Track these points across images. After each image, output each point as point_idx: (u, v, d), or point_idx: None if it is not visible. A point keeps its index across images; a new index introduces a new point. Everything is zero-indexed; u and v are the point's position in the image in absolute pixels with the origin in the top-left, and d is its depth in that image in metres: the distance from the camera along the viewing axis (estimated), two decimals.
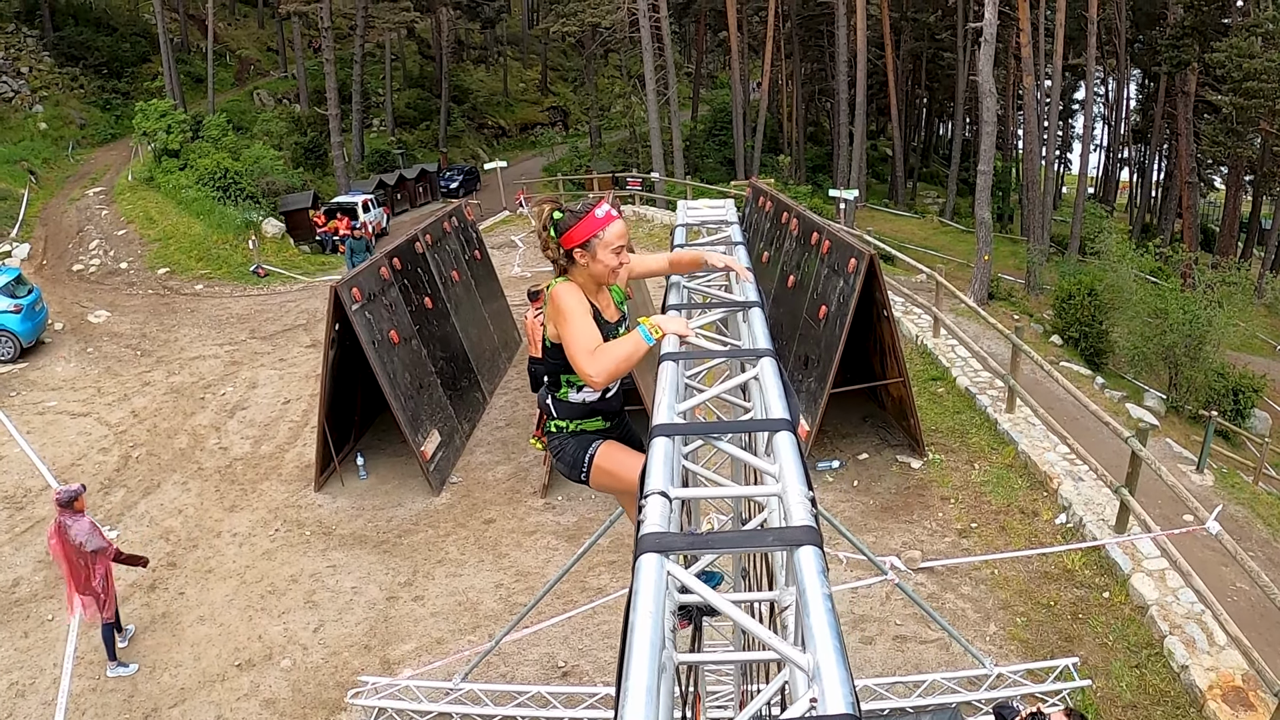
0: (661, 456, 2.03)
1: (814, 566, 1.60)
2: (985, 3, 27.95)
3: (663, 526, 1.77)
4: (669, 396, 2.38)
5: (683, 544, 1.69)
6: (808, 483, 1.90)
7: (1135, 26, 51.31)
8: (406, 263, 14.25)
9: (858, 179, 43.84)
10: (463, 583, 10.73)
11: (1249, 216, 47.56)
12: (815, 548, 1.64)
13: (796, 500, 1.82)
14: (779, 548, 1.73)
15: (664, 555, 1.67)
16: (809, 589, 1.54)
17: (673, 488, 1.92)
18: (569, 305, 3.30)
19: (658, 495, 1.86)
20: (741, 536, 1.80)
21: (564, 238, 3.40)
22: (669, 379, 2.51)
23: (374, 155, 49.30)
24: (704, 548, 1.71)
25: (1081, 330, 22.54)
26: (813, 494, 1.87)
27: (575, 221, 3.38)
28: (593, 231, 3.37)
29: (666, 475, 1.95)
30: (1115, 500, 10.57)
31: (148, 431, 15.88)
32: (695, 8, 60.29)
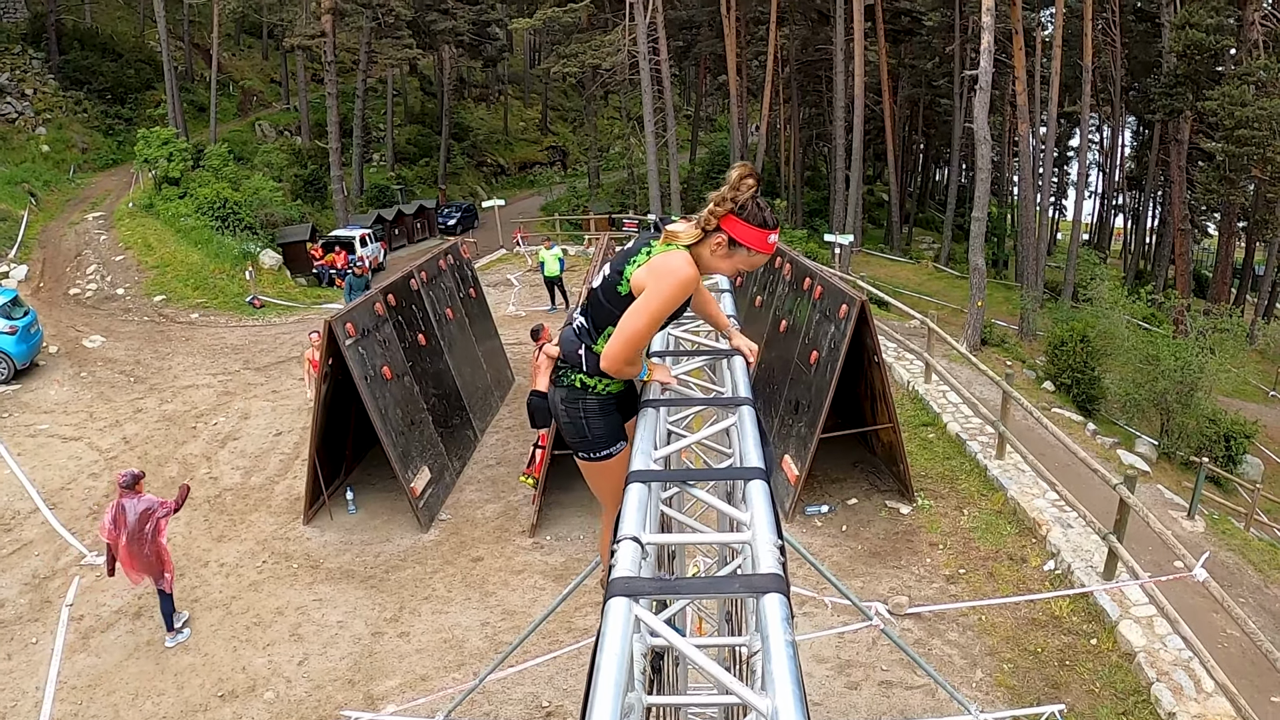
0: (635, 502, 2.07)
1: (778, 614, 1.64)
2: (981, 51, 28.27)
3: (633, 571, 1.81)
4: (646, 443, 2.42)
5: (652, 588, 1.73)
6: (778, 531, 1.94)
7: (1130, 74, 51.80)
8: (401, 299, 14.31)
9: (853, 224, 44.05)
10: (449, 620, 10.69)
11: (1242, 263, 47.85)
12: (780, 595, 1.68)
13: (765, 548, 1.86)
14: (745, 594, 1.77)
15: (633, 599, 1.70)
16: (772, 636, 1.58)
17: (645, 533, 1.96)
18: (673, 289, 3.06)
19: (630, 540, 1.90)
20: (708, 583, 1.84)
21: (734, 217, 3.08)
22: (649, 425, 2.55)
23: (373, 190, 49.51)
24: (672, 593, 1.75)
25: (1074, 376, 22.62)
26: (781, 543, 1.92)
27: (754, 221, 3.08)
28: (755, 244, 3.10)
29: (640, 521, 2.00)
30: (1104, 547, 10.58)
31: (138, 458, 15.86)
32: (696, 51, 60.80)
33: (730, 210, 3.05)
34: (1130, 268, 56.88)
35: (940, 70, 56.31)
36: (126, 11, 56.71)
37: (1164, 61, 39.06)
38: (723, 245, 3.09)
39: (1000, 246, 58.32)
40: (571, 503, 13.12)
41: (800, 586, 10.18)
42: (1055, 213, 69.50)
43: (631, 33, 41.60)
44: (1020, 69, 37.03)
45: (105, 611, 11.17)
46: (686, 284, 3.06)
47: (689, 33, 59.16)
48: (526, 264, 34.35)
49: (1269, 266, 41.88)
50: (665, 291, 3.03)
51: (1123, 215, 69.31)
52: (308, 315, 26.77)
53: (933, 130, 66.56)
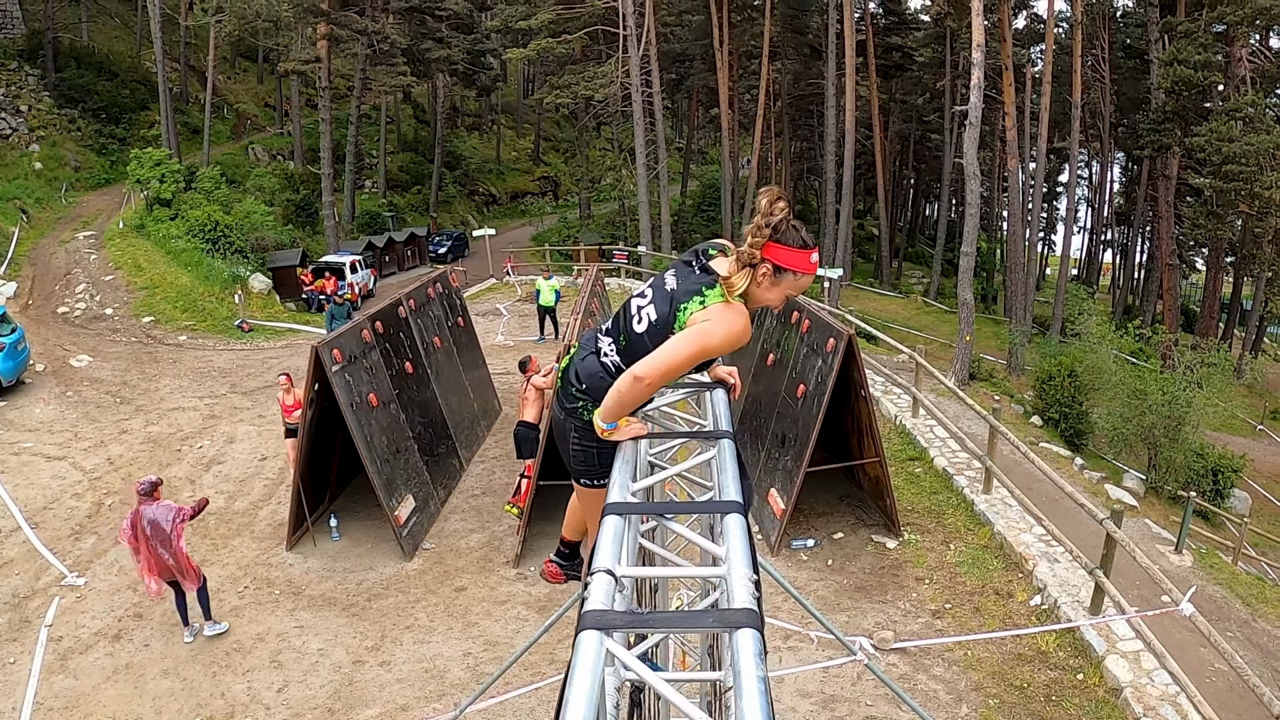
0: (611, 535, 2.05)
1: (750, 649, 1.62)
2: (971, 86, 28.52)
3: (606, 604, 1.79)
4: (624, 475, 2.41)
5: (624, 622, 1.71)
6: (754, 566, 1.93)
7: (1119, 111, 52.33)
8: (389, 327, 14.28)
9: (843, 258, 44.29)
10: (430, 650, 10.61)
11: (1230, 297, 48.17)
12: (753, 630, 1.66)
13: (740, 583, 1.84)
14: (718, 629, 1.76)
15: (605, 633, 1.68)
16: (744, 671, 1.57)
17: (620, 566, 1.95)
18: (726, 340, 2.99)
19: (603, 573, 1.88)
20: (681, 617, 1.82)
21: (773, 244, 2.99)
22: (628, 458, 2.54)
23: (364, 216, 49.61)
24: (644, 626, 1.73)
25: (1061, 411, 22.69)
26: (757, 577, 1.90)
27: (794, 243, 3.00)
28: (799, 266, 3.01)
29: (614, 553, 1.98)
30: (1090, 582, 10.56)
31: (122, 480, 15.77)
32: (688, 84, 61.30)
33: (769, 238, 2.98)
34: (1118, 303, 57.23)
35: (931, 106, 56.89)
36: (123, 31, 56.92)
37: (1152, 98, 39.47)
38: (768, 275, 3.02)
39: (989, 281, 58.65)
40: (557, 534, 12.89)
41: (785, 621, 10.13)
42: (1044, 248, 70.07)
43: (624, 65, 41.91)
44: (1010, 105, 37.37)
45: (85, 633, 11.06)
46: (739, 340, 3.03)
47: (682, 66, 59.68)
48: (516, 294, 34.37)
49: (1256, 301, 42.19)
50: (720, 337, 2.96)
51: (1111, 250, 69.94)
52: (296, 340, 26.72)
53: (923, 165, 67.11)
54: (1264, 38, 37.35)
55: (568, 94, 45.78)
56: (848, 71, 44.33)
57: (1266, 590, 14.00)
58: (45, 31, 46.16)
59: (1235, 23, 32.34)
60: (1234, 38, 33.94)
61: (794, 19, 53.46)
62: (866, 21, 51.06)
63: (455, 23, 53.38)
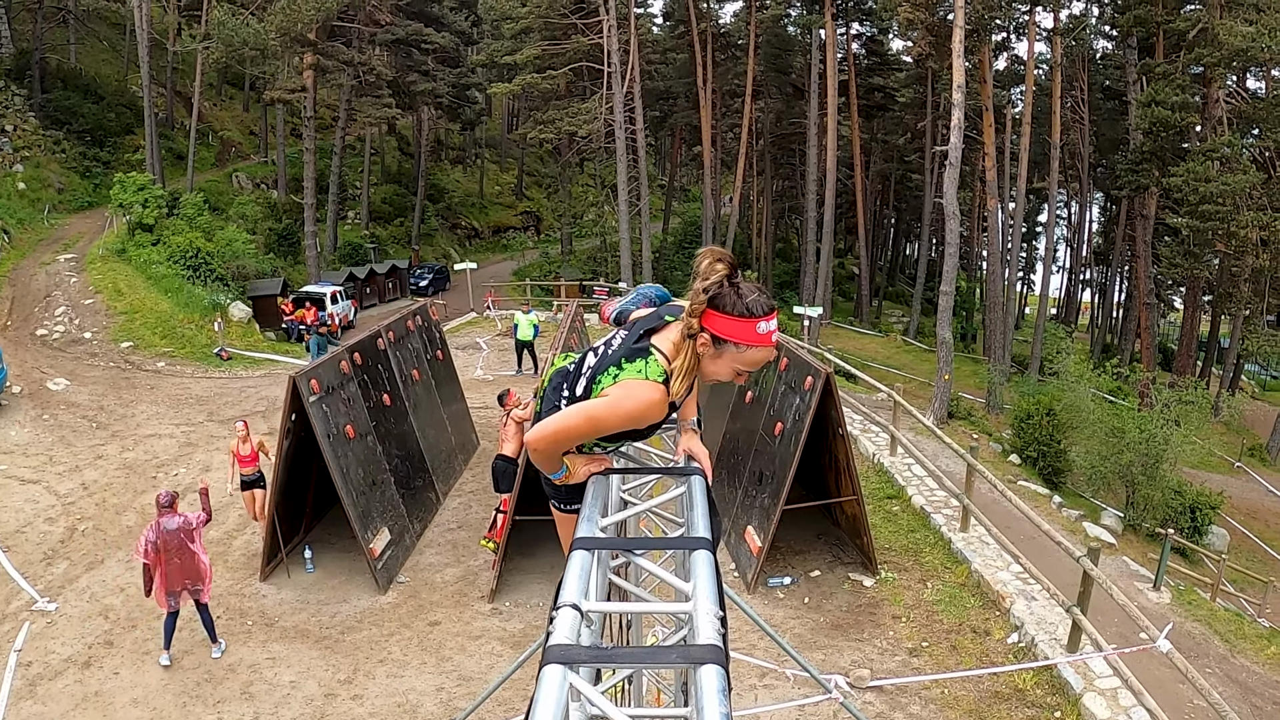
0: (577, 569, 2.05)
1: (714, 685, 1.62)
2: (951, 127, 28.84)
3: (570, 639, 1.79)
4: (593, 510, 2.40)
5: (588, 657, 1.71)
6: (720, 602, 1.92)
7: (1098, 151, 52.98)
8: (368, 358, 14.23)
9: (823, 296, 44.55)
10: (403, 684, 10.51)
11: (1207, 336, 48.57)
12: (718, 666, 1.66)
13: (705, 618, 1.84)
14: (682, 664, 1.75)
15: (569, 667, 1.68)
16: (707, 708, 1.56)
17: (586, 601, 1.94)
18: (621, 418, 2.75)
19: (568, 608, 1.87)
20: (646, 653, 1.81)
21: (711, 314, 2.69)
22: (598, 493, 2.54)
23: (346, 247, 49.58)
24: (609, 662, 1.72)
25: (1040, 449, 22.77)
26: (723, 614, 1.89)
27: (733, 311, 2.66)
28: (740, 337, 2.68)
29: (580, 588, 1.97)
30: (1068, 619, 10.58)
31: (96, 505, 15.64)
32: (671, 122, 61.69)
33: (706, 304, 2.68)
34: (1097, 341, 57.67)
35: (911, 145, 57.47)
36: (111, 55, 56.90)
37: (1130, 138, 39.99)
38: (708, 345, 2.71)
39: (968, 320, 59.03)
40: (532, 569, 13.00)
41: (761, 658, 10.10)
42: (1023, 287, 70.59)
43: (608, 101, 42.20)
44: (990, 145, 37.81)
45: (54, 659, 10.92)
46: (638, 418, 2.73)
47: (665, 103, 60.08)
48: (496, 328, 34.36)
49: (1233, 339, 42.56)
50: (614, 415, 2.72)
51: (1089, 289, 70.53)
52: (274, 369, 26.60)
53: (903, 205, 67.68)
54: (1240, 79, 37.98)
55: (552, 129, 46.01)
56: (830, 111, 44.81)
57: (1245, 626, 14.03)
58: (33, 52, 46.11)
59: (1212, 64, 32.83)
60: (1211, 79, 34.45)
61: (777, 58, 53.99)
62: (849, 62, 51.61)
63: (441, 56, 53.66)
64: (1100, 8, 46.42)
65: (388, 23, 46.93)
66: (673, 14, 57.63)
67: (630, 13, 43.65)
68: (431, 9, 51.77)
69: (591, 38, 42.55)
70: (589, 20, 42.75)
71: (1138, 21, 36.06)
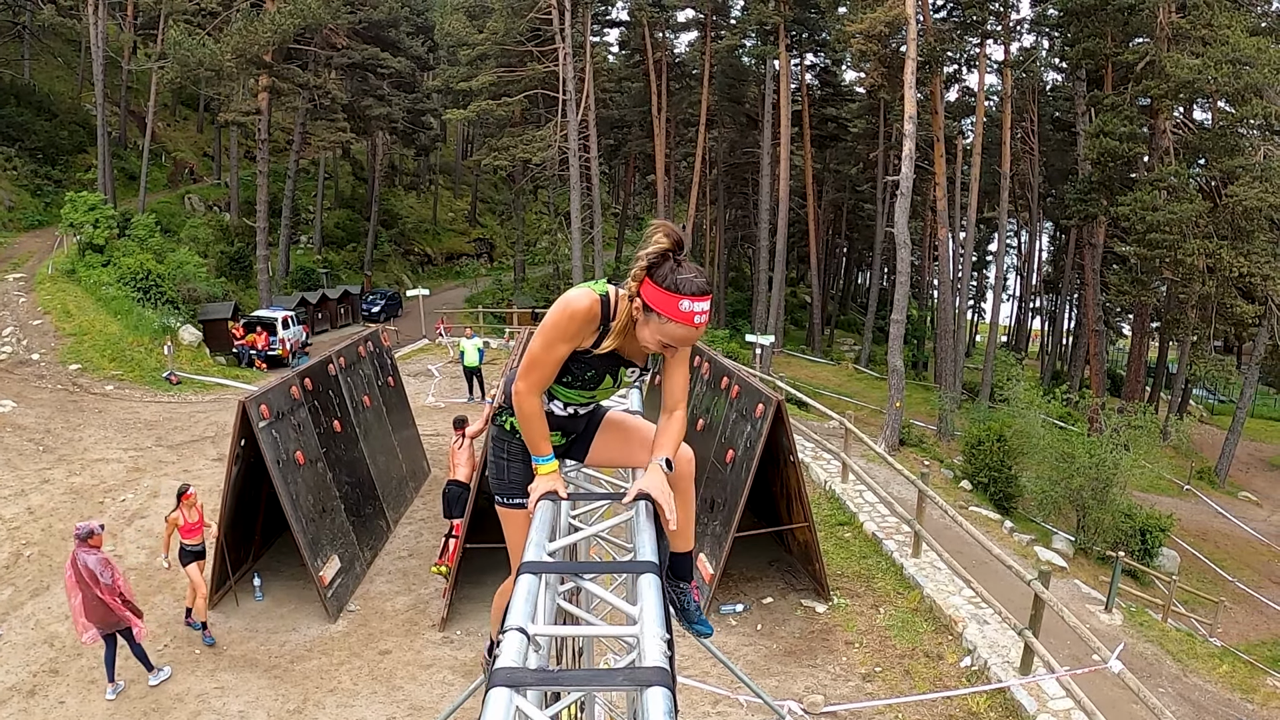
0: (524, 594, 2.05)
1: (660, 707, 1.62)
2: (903, 157, 29.23)
3: (517, 662, 1.79)
4: (540, 534, 2.41)
5: (534, 680, 1.71)
6: (666, 625, 1.93)
7: (1047, 181, 53.88)
8: (318, 384, 14.10)
9: (775, 325, 44.83)
10: (354, 714, 10.37)
11: (1155, 361, 49.39)
12: (664, 689, 1.66)
13: (652, 641, 1.85)
14: (629, 688, 1.76)
15: (515, 690, 1.68)
16: None
17: (533, 625, 1.94)
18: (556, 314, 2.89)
19: (516, 631, 1.87)
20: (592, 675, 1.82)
21: (647, 282, 2.79)
22: (545, 517, 2.54)
23: (299, 272, 49.22)
24: (555, 685, 1.73)
25: (991, 475, 23.00)
26: (669, 636, 1.90)
27: (664, 284, 2.75)
28: (663, 309, 2.75)
29: (527, 612, 1.97)
30: (1020, 642, 10.67)
31: (42, 531, 15.32)
32: (625, 150, 62.05)
33: (646, 271, 2.79)
34: (1047, 368, 58.47)
35: (864, 175, 58.15)
36: (65, 72, 56.27)
37: (1079, 168, 40.72)
38: (639, 310, 2.82)
39: (920, 348, 59.62)
40: (482, 597, 12.91)
41: (714, 685, 10.08)
42: (974, 315, 71.51)
43: (563, 129, 42.35)
44: (941, 175, 38.37)
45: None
46: (572, 313, 2.87)
47: (620, 131, 60.44)
48: (448, 354, 34.23)
49: (1181, 365, 43.33)
50: (551, 318, 2.89)
51: (1040, 317, 71.59)
52: (224, 394, 26.29)
53: (855, 234, 68.37)
54: (1187, 110, 38.81)
55: (506, 156, 46.07)
56: (783, 141, 45.28)
57: (1197, 646, 14.26)
58: None
59: (1159, 96, 33.55)
60: (1158, 110, 35.19)
61: (731, 88, 54.51)
62: (803, 92, 52.21)
63: (397, 81, 53.62)
64: (1050, 40, 47.40)
65: (344, 46, 46.85)
66: (628, 43, 58.05)
67: (586, 41, 43.94)
68: (388, 34, 51.73)
69: (547, 65, 42.74)
70: (545, 48, 42.96)
71: (1087, 54, 36.80)
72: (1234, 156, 33.07)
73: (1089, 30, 36.60)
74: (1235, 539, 29.60)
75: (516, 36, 42.80)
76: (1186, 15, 33.00)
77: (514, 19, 42.05)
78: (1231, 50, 30.53)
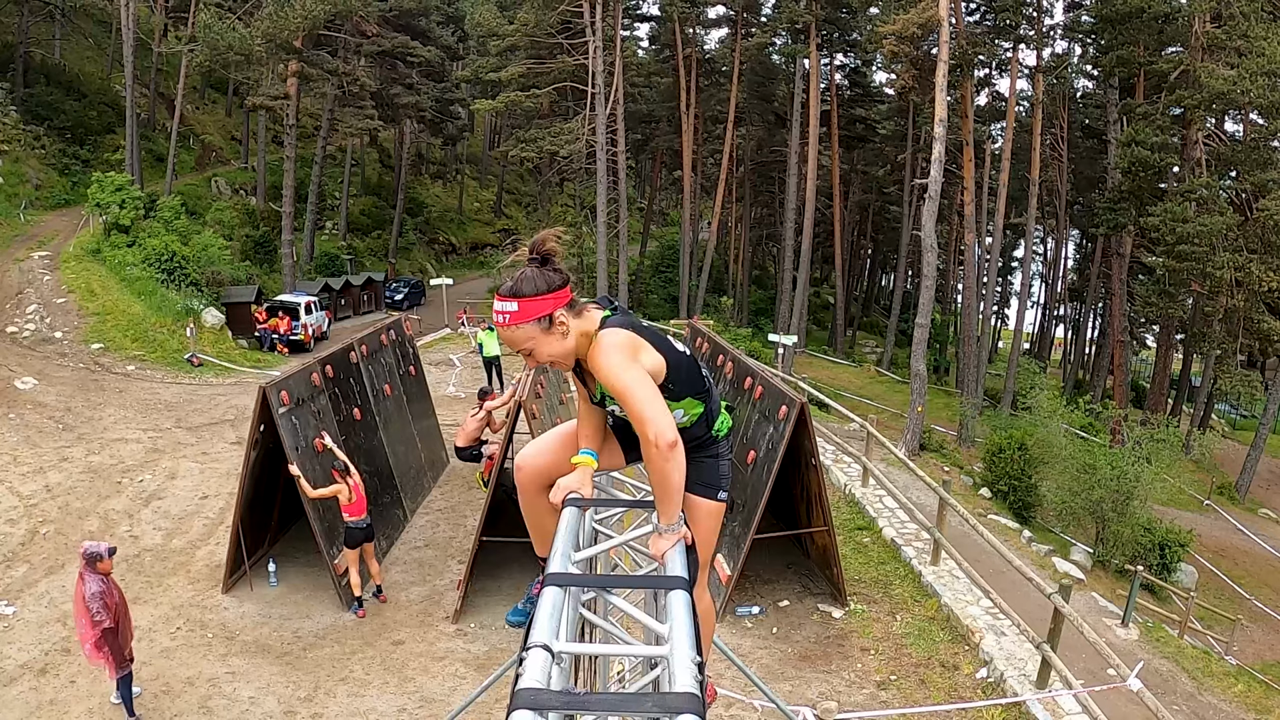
0: (549, 608, 1.96)
1: None
2: (931, 160, 29.00)
3: (541, 682, 1.70)
4: (565, 544, 2.32)
5: (558, 703, 1.63)
6: (697, 647, 1.85)
7: (1076, 189, 53.43)
8: (340, 371, 14.08)
9: (798, 325, 44.59)
10: (364, 704, 10.33)
11: (1179, 374, 48.99)
12: (696, 716, 1.58)
13: (682, 665, 1.76)
14: (658, 714, 1.67)
15: (538, 713, 1.60)
16: None
17: (557, 641, 1.86)
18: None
19: (539, 648, 1.79)
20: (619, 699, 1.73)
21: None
22: (569, 526, 2.45)
23: (323, 258, 49.32)
24: (579, 709, 1.64)
25: (1011, 484, 22.83)
26: (701, 659, 1.82)
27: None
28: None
29: (553, 628, 1.89)
30: (1037, 655, 10.53)
31: (59, 509, 15.38)
32: (653, 145, 61.87)
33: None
34: (1069, 377, 58.03)
35: (891, 178, 57.82)
36: (96, 53, 56.52)
37: (1109, 177, 40.37)
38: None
39: (942, 353, 59.29)
40: (497, 590, 12.86)
41: (728, 689, 9.99)
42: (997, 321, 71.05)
43: (591, 123, 42.25)
44: (969, 180, 38.06)
45: (10, 665, 10.67)
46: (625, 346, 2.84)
47: (648, 126, 60.26)
48: (470, 345, 34.25)
49: (1205, 378, 42.92)
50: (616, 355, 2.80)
51: (1063, 326, 71.09)
52: (244, 378, 26.36)
53: (881, 236, 68.04)
54: (1219, 122, 38.38)
55: (533, 148, 45.97)
56: (811, 140, 45.03)
57: (1213, 664, 14.08)
58: (17, 45, 45.74)
59: (1192, 106, 33.21)
60: (1190, 121, 34.84)
61: (760, 86, 54.28)
62: (831, 92, 51.91)
63: (426, 70, 53.62)
64: (1083, 47, 46.94)
65: (374, 34, 46.86)
66: (658, 38, 57.87)
67: (616, 35, 43.77)
68: (418, 23, 51.75)
69: (577, 58, 42.61)
70: (575, 41, 42.83)
71: (1120, 62, 36.44)
72: (1266, 170, 32.70)
73: (1123, 38, 36.22)
74: (1255, 556, 29.30)
75: (547, 28, 42.67)
76: (1222, 26, 32.61)
77: (545, 11, 41.92)
78: (1268, 62, 30.14)
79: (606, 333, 2.78)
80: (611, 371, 2.68)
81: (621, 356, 2.71)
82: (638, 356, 2.76)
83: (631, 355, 2.74)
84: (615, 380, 2.67)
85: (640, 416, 2.62)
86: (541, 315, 2.73)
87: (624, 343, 2.75)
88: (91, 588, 9.08)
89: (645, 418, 2.60)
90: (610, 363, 2.70)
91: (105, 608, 9.08)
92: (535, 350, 2.79)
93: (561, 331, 2.77)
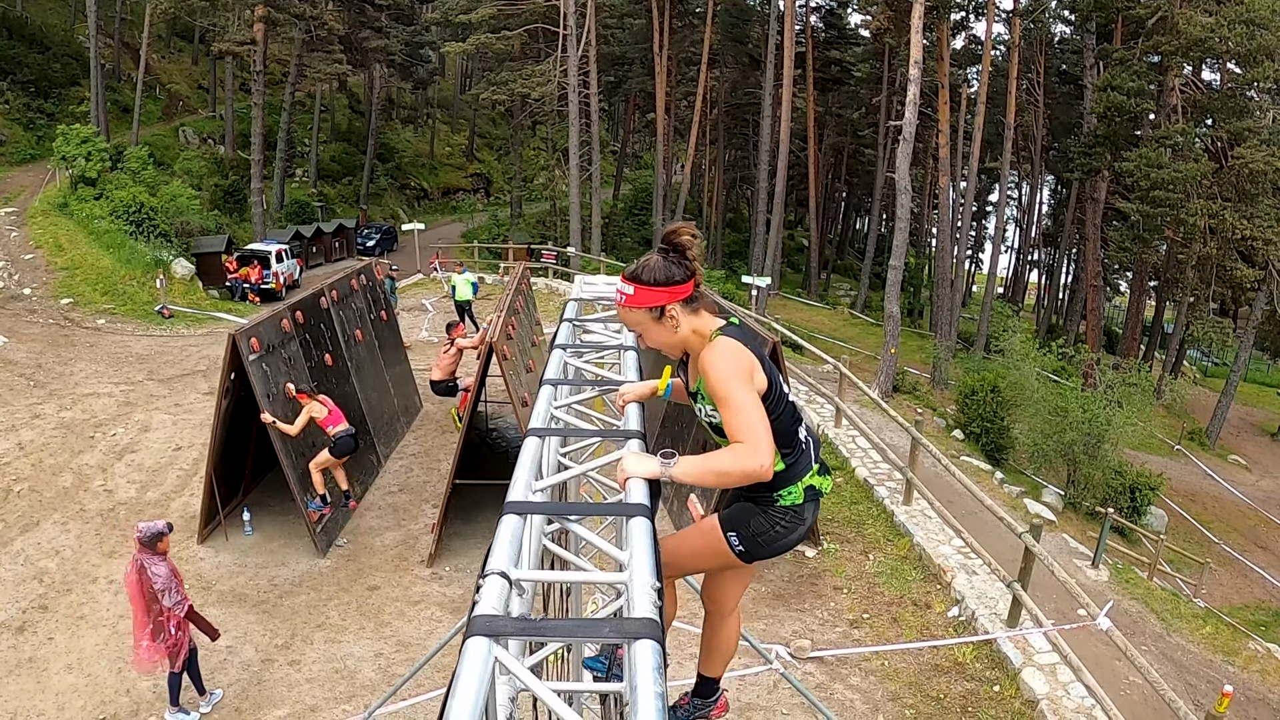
0: (508, 535, 1.94)
1: (649, 662, 1.53)
2: (906, 103, 28.86)
3: (498, 609, 1.69)
4: (527, 473, 2.30)
5: (514, 629, 1.61)
6: (657, 573, 1.83)
7: (1051, 134, 53.39)
8: (310, 317, 13.95)
9: (772, 267, 44.50)
10: (342, 650, 10.37)
11: (1152, 320, 49.35)
12: (653, 642, 1.57)
13: (641, 591, 1.75)
14: (616, 639, 1.66)
15: (494, 639, 1.58)
16: (640, 685, 1.48)
17: (516, 569, 1.84)
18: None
19: (497, 576, 1.77)
20: (576, 625, 1.72)
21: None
22: (530, 455, 2.43)
23: (293, 205, 48.76)
24: (537, 635, 1.63)
25: (983, 426, 22.97)
26: (660, 585, 1.80)
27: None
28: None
29: (510, 555, 1.87)
30: (1008, 594, 10.66)
31: (32, 466, 15.25)
32: (626, 88, 61.26)
33: None
34: (1043, 322, 58.41)
35: (866, 120, 57.51)
36: (58, 4, 55.34)
37: (1084, 122, 40.33)
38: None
39: (916, 296, 59.47)
40: (472, 534, 12.89)
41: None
42: (972, 265, 71.27)
43: (563, 65, 41.75)
44: (944, 123, 37.93)
45: None
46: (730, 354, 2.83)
47: (620, 68, 59.63)
48: (443, 290, 34.05)
49: (1177, 325, 43.29)
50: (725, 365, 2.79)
51: (1038, 270, 71.42)
52: (216, 328, 26.13)
53: (855, 179, 67.84)
54: (1196, 69, 38.33)
55: (504, 91, 45.44)
56: (785, 83, 44.62)
57: (1181, 606, 14.31)
58: None
59: (1169, 53, 33.14)
60: (1167, 68, 34.77)
61: (734, 28, 53.71)
62: (807, 34, 51.46)
63: (395, 13, 52.78)
64: None
65: None
66: None
67: None
68: None
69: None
70: None
71: (1098, 6, 36.26)
72: (1242, 118, 32.76)
73: None
74: (1223, 502, 29.75)
75: None
76: None
77: None
78: (1246, 10, 30.09)
79: (724, 340, 2.78)
80: (719, 375, 2.68)
81: (733, 363, 2.71)
82: (750, 373, 2.74)
83: (744, 369, 2.73)
84: (720, 385, 2.68)
85: (735, 426, 2.62)
86: (654, 305, 2.80)
87: (737, 352, 2.75)
88: (158, 571, 8.35)
89: (740, 426, 2.60)
90: (720, 364, 2.70)
91: (179, 589, 8.51)
92: (645, 335, 2.91)
93: (672, 325, 2.83)
